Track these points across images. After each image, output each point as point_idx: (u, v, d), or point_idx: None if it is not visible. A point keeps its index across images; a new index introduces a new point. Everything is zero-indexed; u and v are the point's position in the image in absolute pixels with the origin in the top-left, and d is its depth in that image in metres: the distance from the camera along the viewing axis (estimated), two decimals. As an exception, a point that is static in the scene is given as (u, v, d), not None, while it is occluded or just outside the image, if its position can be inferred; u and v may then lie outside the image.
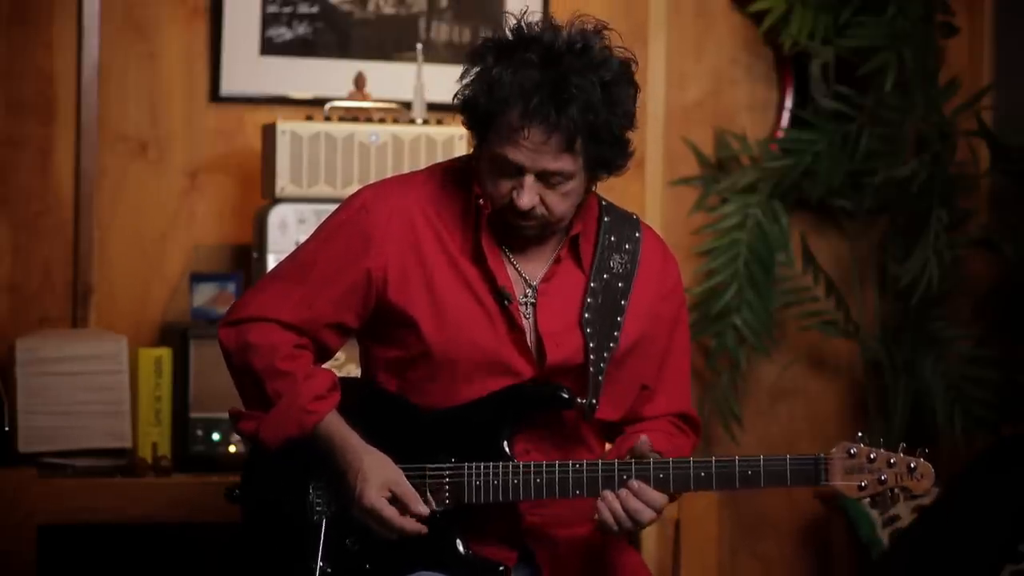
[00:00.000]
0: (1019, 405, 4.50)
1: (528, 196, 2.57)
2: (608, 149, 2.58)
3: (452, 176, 2.72)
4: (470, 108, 2.60)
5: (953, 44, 4.62)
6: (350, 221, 2.68)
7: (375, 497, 2.58)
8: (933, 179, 4.37)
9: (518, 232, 2.65)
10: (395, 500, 2.59)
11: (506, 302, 2.64)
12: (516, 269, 2.68)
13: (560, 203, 2.60)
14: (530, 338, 2.65)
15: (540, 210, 2.59)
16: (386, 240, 2.64)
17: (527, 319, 2.66)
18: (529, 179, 2.57)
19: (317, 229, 2.73)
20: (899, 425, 4.47)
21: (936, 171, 4.38)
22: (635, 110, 2.60)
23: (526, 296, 2.68)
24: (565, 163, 2.56)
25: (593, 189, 2.70)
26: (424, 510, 2.59)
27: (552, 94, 2.51)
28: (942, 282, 4.35)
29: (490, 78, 2.55)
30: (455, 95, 2.64)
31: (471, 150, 2.68)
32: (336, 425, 2.64)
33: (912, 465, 2.54)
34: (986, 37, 4.70)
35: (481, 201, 2.64)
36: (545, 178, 2.57)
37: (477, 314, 2.64)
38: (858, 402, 4.64)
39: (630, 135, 2.62)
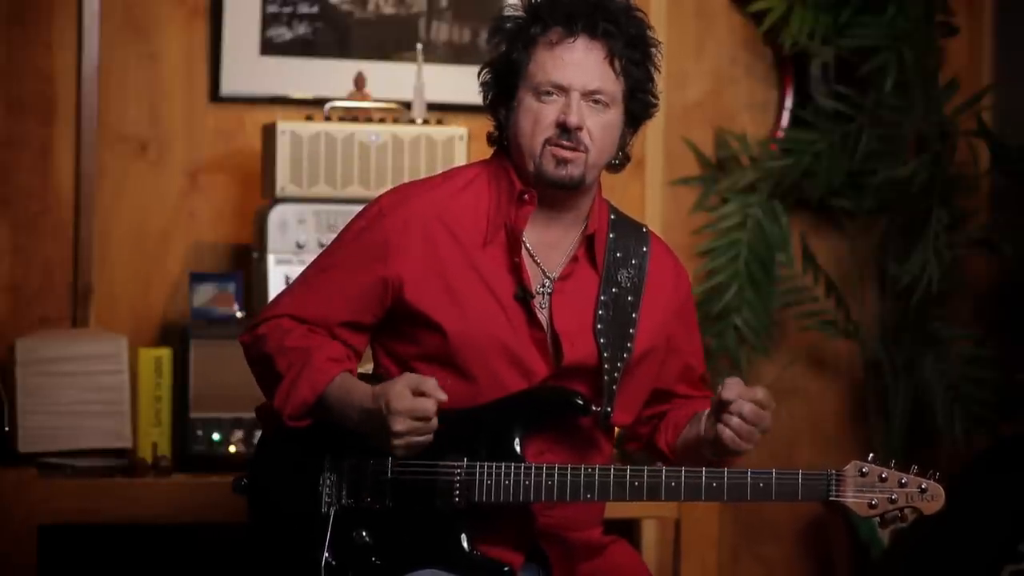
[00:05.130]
0: (1019, 405, 4.50)
1: (576, 114, 2.61)
2: (644, 78, 2.66)
3: (470, 175, 2.75)
4: (505, 63, 2.66)
5: (953, 44, 4.62)
6: (368, 227, 2.70)
7: (405, 397, 2.53)
8: (933, 179, 4.37)
9: (556, 177, 2.64)
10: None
11: (528, 298, 2.67)
12: (535, 261, 2.70)
13: (601, 135, 2.64)
14: (547, 333, 2.68)
15: (585, 137, 2.62)
16: (403, 245, 2.66)
17: (543, 310, 2.68)
18: (575, 96, 2.62)
19: (337, 236, 2.76)
20: (899, 425, 4.47)
21: (936, 171, 4.38)
22: (659, 64, 2.70)
23: (543, 287, 2.70)
24: (607, 80, 2.63)
25: (617, 163, 2.73)
26: (443, 395, 2.55)
27: (596, 6, 2.62)
28: (942, 282, 4.35)
29: (526, 15, 2.65)
30: (482, 81, 2.71)
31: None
32: (351, 380, 2.62)
33: (923, 486, 2.56)
34: (986, 37, 4.70)
35: (527, 196, 2.67)
36: (588, 97, 2.62)
37: (495, 310, 2.65)
38: (858, 402, 4.64)
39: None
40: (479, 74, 2.73)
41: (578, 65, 2.62)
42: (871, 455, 2.60)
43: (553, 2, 2.64)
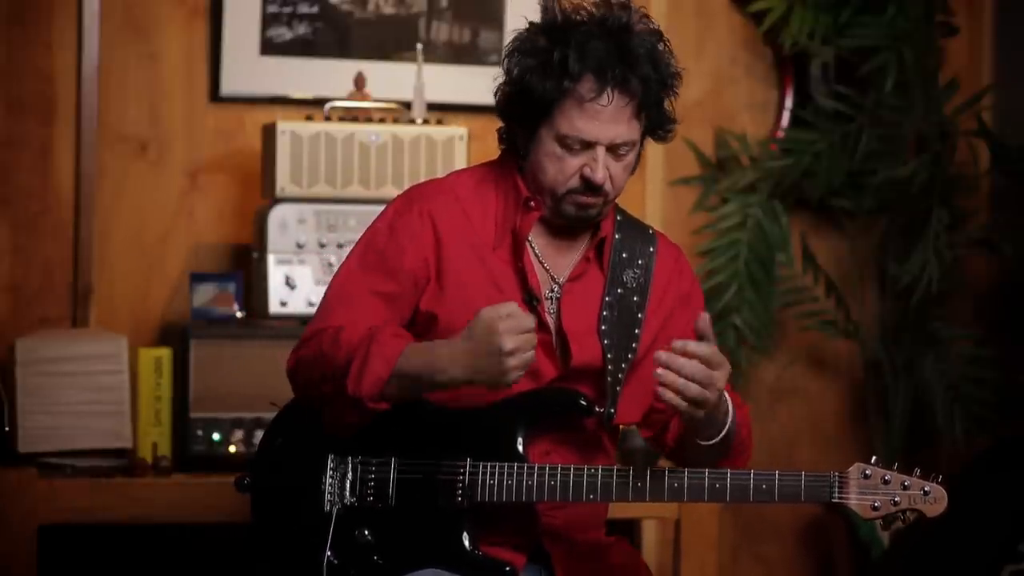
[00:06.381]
0: (1019, 405, 4.50)
1: (603, 170, 2.61)
2: (661, 111, 2.66)
3: (476, 178, 2.75)
4: (528, 96, 2.61)
5: (953, 44, 4.62)
6: (386, 230, 2.70)
7: (501, 318, 2.49)
8: (933, 179, 4.37)
9: (575, 217, 2.66)
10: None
11: (535, 302, 2.67)
12: (543, 267, 2.71)
13: (622, 176, 2.65)
14: (553, 337, 2.68)
15: (607, 185, 2.63)
16: (419, 244, 2.67)
17: (551, 315, 2.69)
18: (601, 151, 2.61)
19: (356, 246, 2.74)
20: (899, 425, 4.47)
21: (936, 171, 4.38)
22: (679, 72, 2.68)
23: (552, 291, 2.71)
24: (633, 131, 2.62)
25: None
26: (531, 316, 2.53)
27: (622, 59, 2.58)
28: (942, 282, 4.35)
29: (552, 59, 2.58)
30: (499, 91, 2.67)
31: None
32: (423, 343, 2.57)
33: (926, 489, 2.56)
34: (986, 37, 4.70)
35: (533, 203, 2.67)
36: (613, 150, 2.62)
37: None
38: (858, 402, 4.64)
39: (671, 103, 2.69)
40: (496, 94, 2.69)
41: (607, 123, 2.60)
42: (874, 458, 2.60)
43: (584, 49, 2.58)
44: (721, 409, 2.59)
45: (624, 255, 2.74)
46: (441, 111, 4.08)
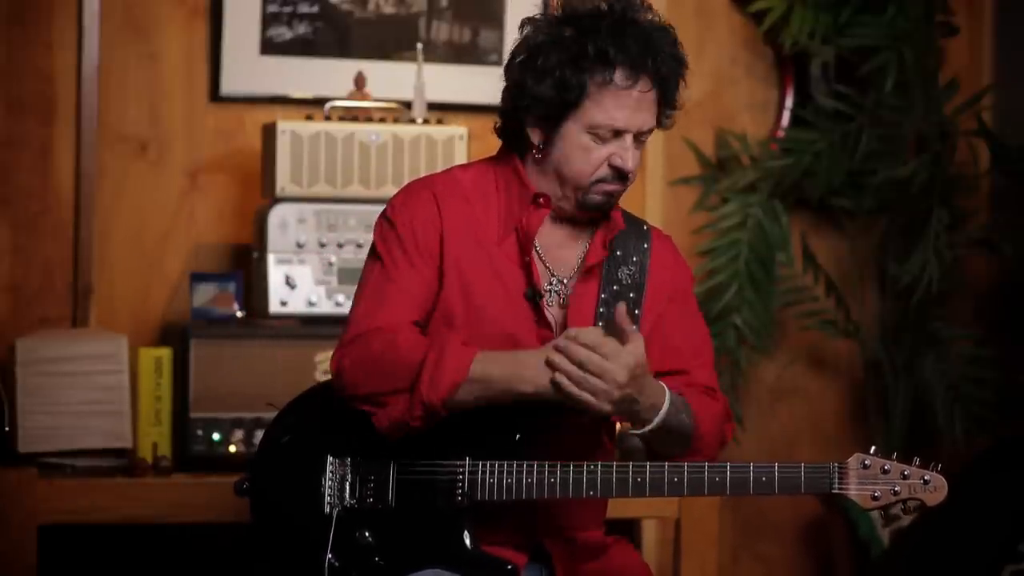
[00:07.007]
0: (1019, 405, 4.50)
1: (633, 159, 2.64)
2: (676, 104, 2.70)
3: (482, 171, 2.75)
4: (562, 88, 2.61)
5: (953, 44, 4.62)
6: (397, 217, 2.70)
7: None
8: (933, 179, 4.37)
9: (598, 205, 2.68)
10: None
11: (537, 298, 2.68)
12: (543, 261, 2.71)
13: (640, 161, 2.70)
14: (556, 332, 2.67)
15: (632, 173, 2.67)
16: (431, 227, 2.68)
17: (549, 307, 2.69)
18: (630, 139, 2.64)
19: (371, 250, 2.74)
20: (899, 425, 4.47)
21: (936, 171, 4.38)
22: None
23: (551, 285, 2.71)
24: (655, 117, 2.67)
25: None
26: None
27: (652, 46, 2.61)
28: (942, 282, 4.35)
29: (587, 50, 2.60)
30: (513, 88, 2.66)
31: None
32: (495, 352, 2.57)
33: (926, 478, 2.56)
34: (986, 37, 4.70)
35: (541, 200, 2.68)
36: (638, 137, 2.65)
37: (506, 308, 2.66)
38: (858, 402, 4.64)
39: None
40: (507, 91, 2.69)
41: (636, 111, 2.63)
42: (873, 448, 2.60)
43: (621, 39, 2.60)
44: (645, 402, 2.56)
45: (619, 252, 2.74)
46: (441, 111, 4.08)
